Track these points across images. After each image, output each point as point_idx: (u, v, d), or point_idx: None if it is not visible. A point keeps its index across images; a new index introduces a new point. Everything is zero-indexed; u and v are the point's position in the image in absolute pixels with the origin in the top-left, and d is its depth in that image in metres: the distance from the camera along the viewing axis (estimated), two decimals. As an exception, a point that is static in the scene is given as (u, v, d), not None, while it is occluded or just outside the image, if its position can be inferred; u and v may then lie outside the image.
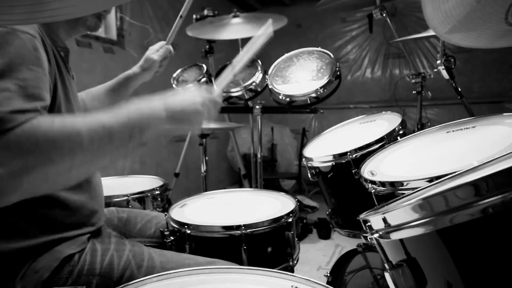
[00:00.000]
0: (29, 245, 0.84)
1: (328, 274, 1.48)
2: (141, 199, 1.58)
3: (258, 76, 2.01)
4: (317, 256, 2.69)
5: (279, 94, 1.87)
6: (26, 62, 0.71)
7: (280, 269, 1.02)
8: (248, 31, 2.42)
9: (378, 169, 1.08)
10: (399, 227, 0.60)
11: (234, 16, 2.44)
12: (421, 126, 2.11)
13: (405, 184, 0.93)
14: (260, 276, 0.73)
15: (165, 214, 1.19)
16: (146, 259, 0.93)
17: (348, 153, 1.28)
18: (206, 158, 2.45)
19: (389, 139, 1.26)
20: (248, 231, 1.06)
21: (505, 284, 0.53)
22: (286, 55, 2.02)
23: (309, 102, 1.83)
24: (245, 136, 4.26)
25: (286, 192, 1.39)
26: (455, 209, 0.52)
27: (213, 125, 2.05)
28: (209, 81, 2.25)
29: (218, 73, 2.24)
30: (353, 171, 1.25)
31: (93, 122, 0.68)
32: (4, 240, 0.83)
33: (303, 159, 1.47)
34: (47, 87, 0.76)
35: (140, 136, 0.73)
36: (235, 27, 2.45)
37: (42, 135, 0.62)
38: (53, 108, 0.82)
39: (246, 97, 2.06)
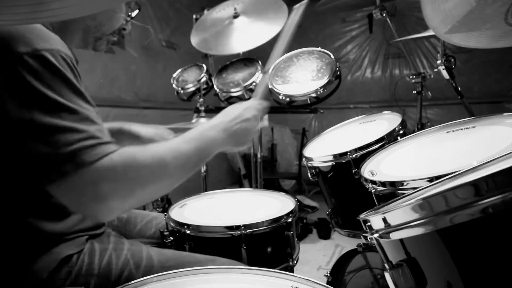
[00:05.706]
0: (28, 246, 0.84)
1: (328, 274, 1.48)
2: (141, 199, 1.58)
3: (258, 76, 2.01)
4: (317, 256, 2.69)
5: (279, 94, 1.86)
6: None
7: (280, 269, 1.02)
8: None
9: (378, 169, 1.08)
10: (399, 227, 0.60)
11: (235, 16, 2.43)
12: (421, 126, 2.11)
13: (405, 184, 0.93)
14: (260, 276, 0.73)
15: (165, 215, 1.19)
16: (144, 258, 0.93)
17: (348, 153, 1.28)
18: (206, 158, 2.44)
19: (389, 139, 1.26)
20: (248, 231, 1.06)
21: (505, 284, 0.53)
22: (286, 55, 2.01)
23: (309, 102, 1.83)
24: (245, 136, 4.26)
25: (286, 192, 1.38)
26: (455, 209, 0.52)
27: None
28: (209, 81, 2.24)
29: (218, 73, 2.23)
30: (353, 171, 1.25)
31: (173, 149, 0.78)
32: (3, 241, 0.83)
33: (303, 159, 1.47)
34: None
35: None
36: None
37: (140, 164, 0.72)
38: None
39: (246, 97, 2.06)
